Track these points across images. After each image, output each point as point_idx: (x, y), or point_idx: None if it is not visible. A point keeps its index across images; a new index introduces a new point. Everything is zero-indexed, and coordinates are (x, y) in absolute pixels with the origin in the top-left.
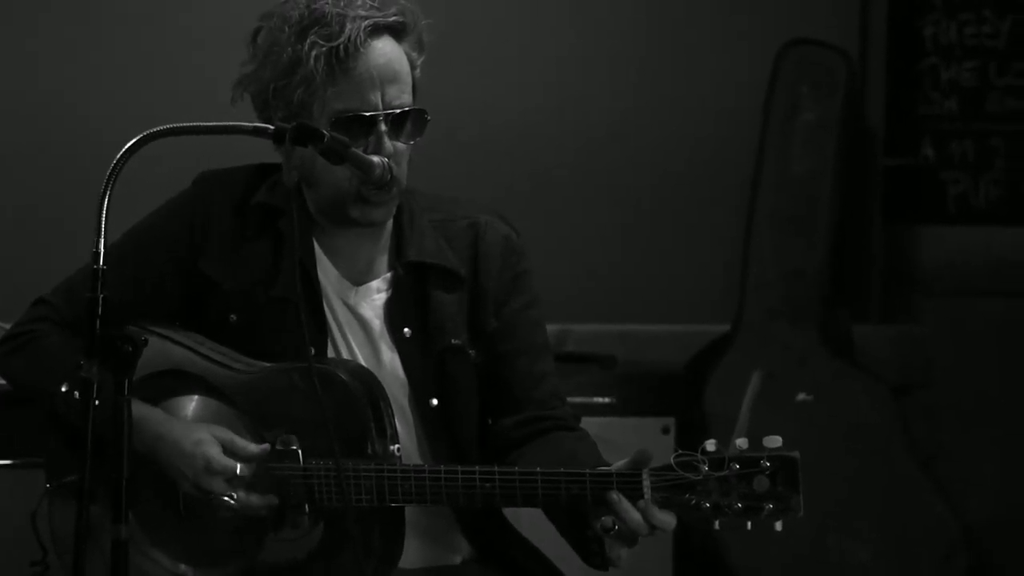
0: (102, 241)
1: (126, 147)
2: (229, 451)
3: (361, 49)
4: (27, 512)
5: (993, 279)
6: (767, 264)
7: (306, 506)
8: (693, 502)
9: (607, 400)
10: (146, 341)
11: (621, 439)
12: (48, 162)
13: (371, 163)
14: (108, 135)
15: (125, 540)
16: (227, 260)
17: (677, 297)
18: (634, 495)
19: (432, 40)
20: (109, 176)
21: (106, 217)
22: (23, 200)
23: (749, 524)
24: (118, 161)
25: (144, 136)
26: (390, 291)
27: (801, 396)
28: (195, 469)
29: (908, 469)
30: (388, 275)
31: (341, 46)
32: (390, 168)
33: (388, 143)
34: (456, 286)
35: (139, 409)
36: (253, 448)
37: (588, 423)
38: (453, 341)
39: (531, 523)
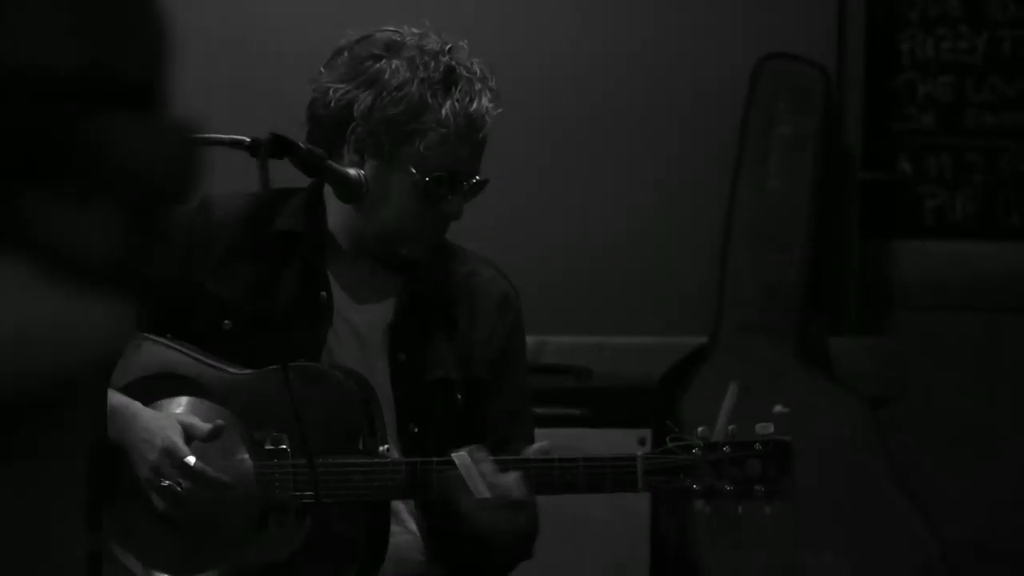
0: None
1: None
2: (188, 435)
3: (487, 120)
4: None
5: (970, 294)
6: (744, 278)
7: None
8: (686, 484)
9: (583, 412)
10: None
11: (597, 451)
12: None
13: (347, 175)
14: None
15: (100, 551)
16: (229, 273)
17: (653, 309)
18: (627, 478)
19: None
20: None
21: None
22: None
23: (740, 507)
24: None
25: None
26: (393, 315)
27: (778, 408)
28: (156, 451)
29: (885, 483)
30: (392, 300)
31: (473, 112)
32: (366, 180)
33: (461, 206)
34: (453, 329)
35: (114, 399)
36: (207, 427)
37: (563, 435)
38: (446, 376)
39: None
